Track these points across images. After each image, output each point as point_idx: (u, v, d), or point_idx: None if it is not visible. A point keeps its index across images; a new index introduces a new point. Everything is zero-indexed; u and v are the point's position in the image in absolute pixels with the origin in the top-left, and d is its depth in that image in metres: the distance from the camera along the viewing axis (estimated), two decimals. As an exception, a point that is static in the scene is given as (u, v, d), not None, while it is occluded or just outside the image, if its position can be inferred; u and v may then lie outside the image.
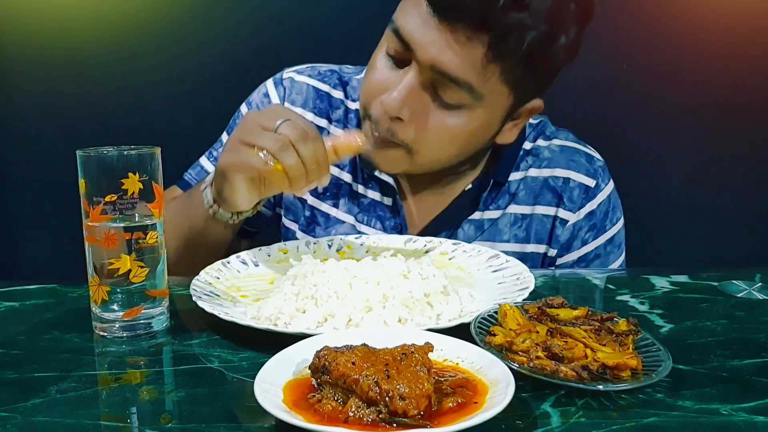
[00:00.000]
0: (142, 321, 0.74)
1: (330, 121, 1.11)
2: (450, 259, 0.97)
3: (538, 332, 0.65)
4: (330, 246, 1.00)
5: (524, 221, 1.07)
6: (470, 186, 1.07)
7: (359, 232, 1.08)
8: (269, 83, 1.13)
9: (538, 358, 0.61)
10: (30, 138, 1.45)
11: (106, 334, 0.74)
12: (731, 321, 0.77)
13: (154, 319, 0.75)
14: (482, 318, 0.69)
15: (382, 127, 0.94)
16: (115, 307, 0.73)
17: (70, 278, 0.91)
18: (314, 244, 1.00)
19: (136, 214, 0.72)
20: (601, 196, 1.08)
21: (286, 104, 1.10)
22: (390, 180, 1.06)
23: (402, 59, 0.93)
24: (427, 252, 0.99)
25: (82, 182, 0.72)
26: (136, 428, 0.56)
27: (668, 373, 0.59)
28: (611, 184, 1.10)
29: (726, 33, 1.44)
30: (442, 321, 0.73)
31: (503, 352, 0.62)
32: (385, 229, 1.09)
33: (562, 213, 1.06)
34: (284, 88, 1.11)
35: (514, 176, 1.08)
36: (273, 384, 0.56)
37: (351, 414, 0.52)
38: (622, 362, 0.59)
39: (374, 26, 1.14)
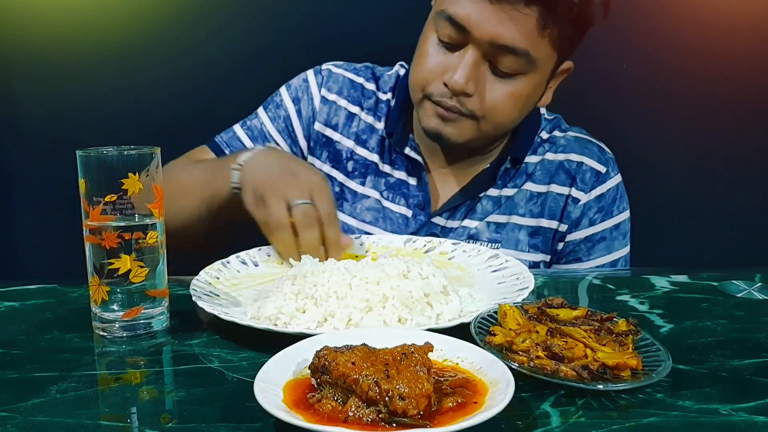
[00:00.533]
0: (142, 321, 0.74)
1: (362, 108, 1.20)
2: (450, 259, 0.97)
3: (538, 332, 0.65)
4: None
5: (539, 198, 1.15)
6: (488, 165, 1.16)
7: (383, 207, 1.16)
8: (309, 72, 1.23)
9: (538, 357, 0.61)
10: (30, 138, 1.45)
11: (106, 334, 0.74)
12: (731, 321, 0.77)
13: (154, 319, 0.75)
14: (482, 318, 0.69)
15: (450, 103, 1.03)
16: (115, 307, 0.73)
17: (70, 278, 0.91)
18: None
19: (136, 214, 0.72)
20: (611, 183, 1.17)
21: (322, 90, 1.20)
22: (419, 158, 1.15)
23: (456, 43, 1.02)
24: (426, 252, 0.99)
25: (82, 182, 0.72)
26: (136, 428, 0.56)
27: (668, 373, 0.59)
28: (619, 177, 1.19)
29: (727, 32, 1.44)
30: (442, 321, 0.73)
31: (503, 352, 0.62)
32: (408, 206, 1.16)
33: (575, 192, 1.15)
34: (322, 77, 1.21)
35: (532, 159, 1.16)
36: (273, 384, 0.56)
37: (351, 414, 0.52)
38: (622, 362, 0.59)
39: (373, 28, 1.14)
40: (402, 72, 1.22)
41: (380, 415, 0.51)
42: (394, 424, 0.51)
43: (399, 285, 0.75)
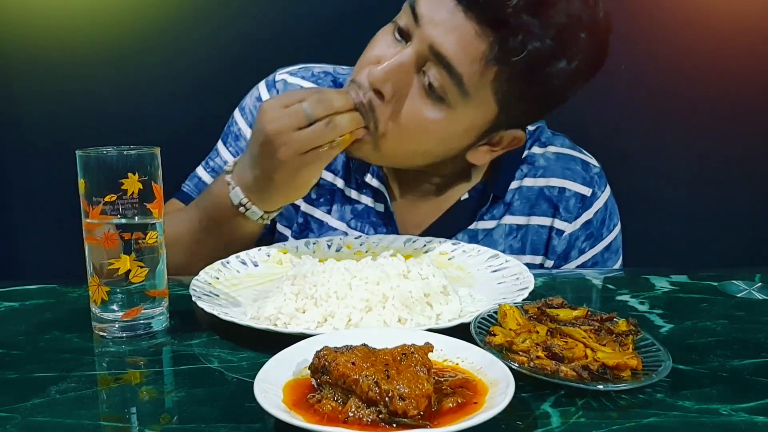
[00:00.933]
0: (141, 321, 0.74)
1: None
2: (450, 259, 0.97)
3: (538, 332, 0.65)
4: (330, 246, 1.00)
5: (519, 232, 1.06)
6: (467, 195, 1.06)
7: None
8: (261, 86, 1.12)
9: (538, 357, 0.61)
10: (30, 138, 1.45)
11: (105, 334, 0.74)
12: (731, 321, 0.77)
13: (153, 319, 0.75)
14: (482, 318, 0.69)
15: (361, 97, 0.90)
16: (114, 307, 0.73)
17: (70, 278, 0.91)
18: (314, 244, 1.00)
19: (136, 215, 0.72)
20: (597, 204, 1.07)
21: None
22: (381, 186, 1.06)
23: (405, 38, 0.91)
24: (426, 252, 0.99)
25: (81, 182, 0.72)
26: (136, 428, 0.56)
27: (668, 373, 0.59)
28: (607, 191, 1.10)
29: (725, 33, 1.44)
30: (442, 321, 0.73)
31: (503, 352, 0.62)
32: None
33: (558, 223, 1.05)
34: (277, 90, 1.10)
35: (510, 185, 1.06)
36: (273, 384, 0.56)
37: (351, 414, 0.52)
38: (622, 362, 0.59)
39: (371, 27, 1.13)
40: None
41: (380, 416, 0.51)
42: (394, 425, 0.51)
43: (399, 285, 0.75)
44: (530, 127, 1.08)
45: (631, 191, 1.23)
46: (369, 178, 1.06)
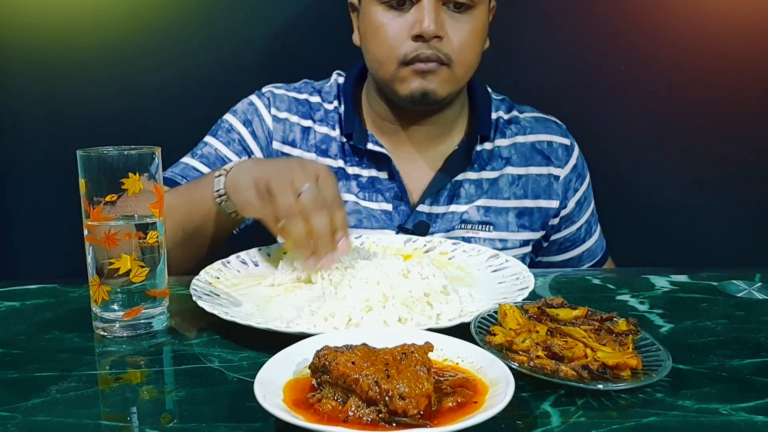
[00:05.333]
0: (142, 321, 0.74)
1: (314, 121, 1.20)
2: (450, 258, 0.97)
3: (538, 332, 0.65)
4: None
5: (520, 180, 1.20)
6: (456, 147, 1.19)
7: (363, 207, 1.15)
8: (252, 96, 1.22)
9: (538, 357, 0.61)
10: (30, 138, 1.45)
11: (106, 333, 0.74)
12: (731, 321, 0.78)
13: (154, 319, 0.75)
14: (482, 318, 0.69)
15: (427, 52, 1.06)
16: (115, 306, 0.73)
17: (70, 278, 0.91)
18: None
19: (136, 214, 0.72)
20: (576, 150, 1.25)
21: (272, 110, 1.19)
22: (382, 150, 1.15)
23: (404, 1, 1.06)
24: (426, 252, 0.99)
25: (82, 182, 0.72)
26: (136, 428, 0.56)
27: (668, 373, 0.59)
28: (575, 141, 1.27)
29: (725, 32, 1.44)
30: (442, 321, 0.73)
31: (503, 351, 0.62)
32: (386, 200, 1.16)
33: (553, 170, 1.22)
34: (267, 99, 1.21)
35: (503, 142, 1.21)
36: (273, 384, 0.56)
37: (351, 413, 0.52)
38: (622, 362, 0.59)
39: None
40: (341, 80, 1.23)
41: (380, 415, 0.51)
42: (394, 424, 0.51)
43: (399, 285, 0.75)
44: (497, 97, 1.26)
45: (632, 191, 1.23)
46: (371, 145, 1.16)
